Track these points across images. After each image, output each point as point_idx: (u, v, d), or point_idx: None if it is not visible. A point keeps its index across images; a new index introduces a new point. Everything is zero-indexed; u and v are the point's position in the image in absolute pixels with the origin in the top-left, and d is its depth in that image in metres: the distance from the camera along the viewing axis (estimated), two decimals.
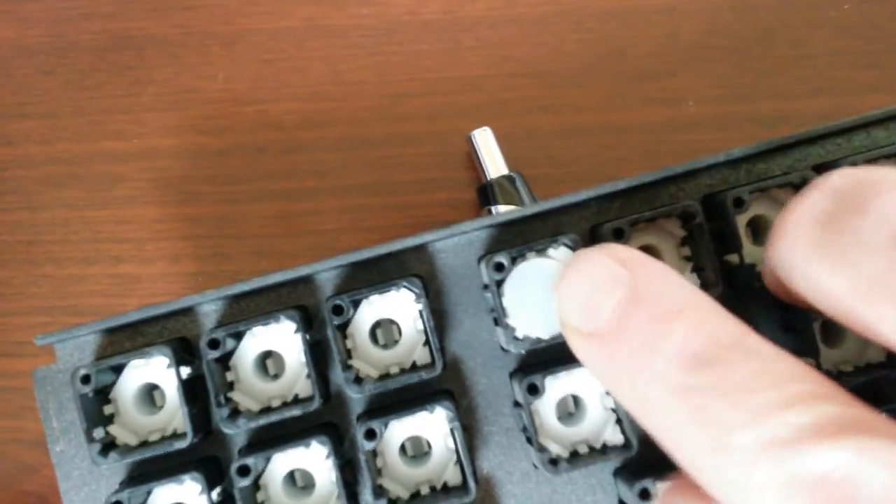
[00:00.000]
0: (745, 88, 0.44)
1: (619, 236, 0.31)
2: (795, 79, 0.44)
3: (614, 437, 0.31)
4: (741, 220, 0.32)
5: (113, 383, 0.32)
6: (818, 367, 0.30)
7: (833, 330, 0.32)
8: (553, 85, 0.44)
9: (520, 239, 0.33)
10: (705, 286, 0.32)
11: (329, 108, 0.45)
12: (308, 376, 0.31)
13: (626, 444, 0.31)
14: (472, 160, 0.42)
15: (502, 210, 0.39)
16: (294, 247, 0.43)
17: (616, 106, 0.44)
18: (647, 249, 0.33)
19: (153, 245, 0.43)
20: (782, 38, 0.44)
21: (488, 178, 0.41)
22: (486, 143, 0.41)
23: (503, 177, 0.40)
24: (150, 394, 0.33)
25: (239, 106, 0.45)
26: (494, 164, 0.41)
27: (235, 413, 0.31)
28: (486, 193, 0.41)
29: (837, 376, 0.30)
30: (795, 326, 0.31)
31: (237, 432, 0.32)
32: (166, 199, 0.44)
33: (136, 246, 0.43)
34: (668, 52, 0.44)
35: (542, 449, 0.31)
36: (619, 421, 0.31)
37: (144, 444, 0.31)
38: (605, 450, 0.31)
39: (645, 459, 0.32)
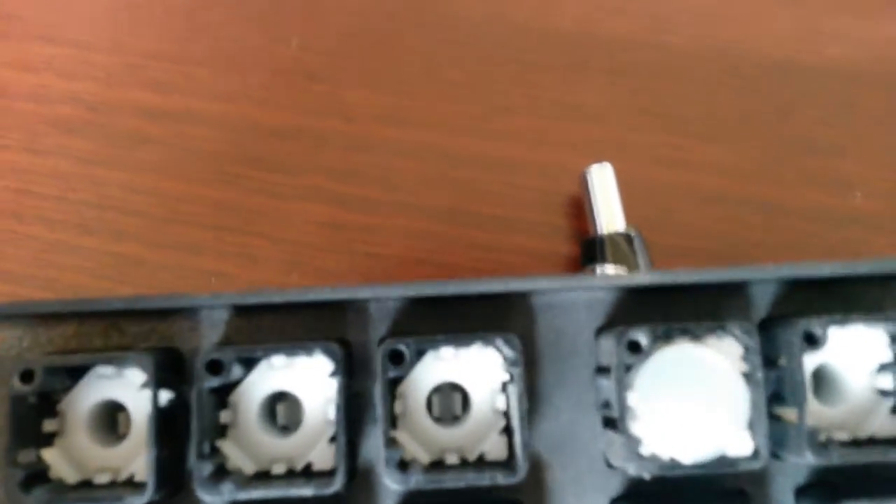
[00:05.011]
0: None
1: (811, 342, 0.22)
2: None
3: None
4: None
5: (66, 391, 0.23)
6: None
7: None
8: (693, 134, 0.35)
9: (658, 314, 0.24)
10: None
11: (415, 106, 0.36)
12: (333, 440, 0.22)
13: None
14: (578, 203, 0.34)
15: (622, 273, 0.30)
16: (337, 265, 0.34)
17: (768, 178, 0.35)
18: (823, 371, 0.24)
19: (169, 227, 0.34)
20: None
21: (599, 231, 0.32)
22: (604, 184, 0.32)
23: (619, 233, 0.32)
24: (113, 416, 0.23)
25: (308, 82, 0.37)
26: (610, 214, 0.32)
27: (221, 472, 0.22)
28: (593, 249, 0.32)
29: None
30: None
31: (217, 502, 0.22)
32: (196, 176, 0.35)
33: (148, 223, 0.35)
34: (842, 125, 0.36)
35: None
36: None
37: (86, 485, 0.22)
38: None
39: None
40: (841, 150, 0.36)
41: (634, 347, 0.22)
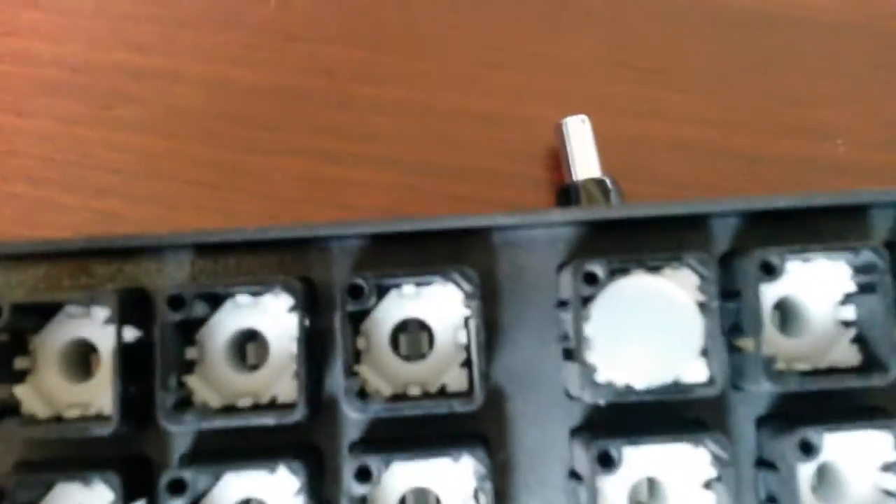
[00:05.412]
0: None
1: (769, 272, 0.22)
2: None
3: None
4: None
5: (37, 330, 0.23)
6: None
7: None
8: (674, 88, 0.35)
9: (621, 249, 0.24)
10: (871, 366, 0.22)
11: (394, 63, 0.36)
12: (296, 375, 0.22)
13: None
14: (558, 155, 0.34)
15: None
16: (317, 219, 0.34)
17: (748, 127, 0.35)
18: (789, 303, 0.24)
19: (149, 183, 0.35)
20: None
21: (574, 179, 0.32)
22: (579, 134, 0.32)
23: (593, 180, 0.32)
24: (84, 355, 0.24)
25: (288, 41, 0.37)
26: (585, 163, 0.32)
27: (185, 404, 0.22)
28: (569, 197, 0.32)
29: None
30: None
31: (182, 431, 0.23)
32: (176, 133, 0.35)
33: (129, 180, 0.35)
34: (824, 76, 0.35)
35: None
36: None
37: (56, 419, 0.23)
38: None
39: None
40: (823, 101, 0.35)
41: (591, 279, 0.22)
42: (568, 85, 0.36)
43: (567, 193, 0.32)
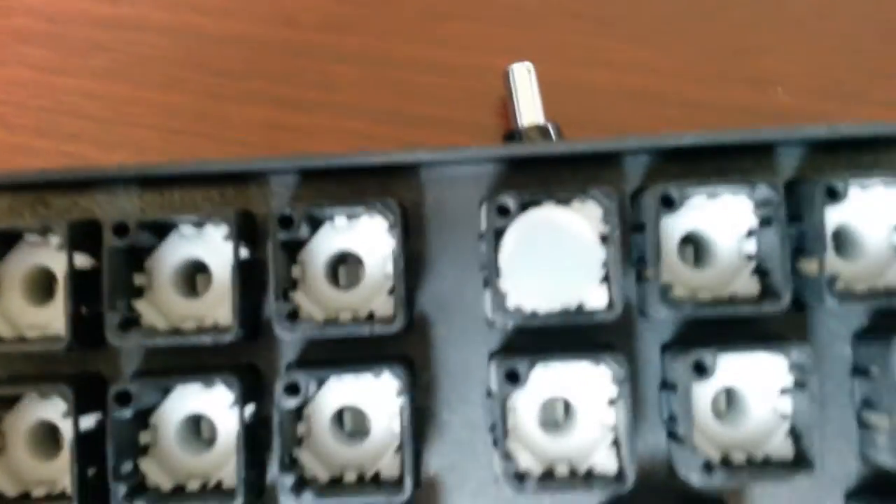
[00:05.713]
0: (852, 86, 0.36)
1: (668, 205, 0.23)
2: None
3: (606, 462, 0.24)
4: (831, 218, 0.24)
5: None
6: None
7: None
8: (622, 37, 0.36)
9: (540, 185, 0.25)
10: (766, 295, 0.24)
11: (355, 13, 0.38)
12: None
13: (620, 476, 0.23)
14: (505, 103, 0.35)
15: None
16: None
17: (692, 76, 0.36)
18: (697, 238, 0.25)
19: (118, 129, 0.37)
20: None
21: (519, 125, 0.33)
22: (525, 81, 0.33)
23: (536, 126, 0.33)
24: (46, 281, 0.26)
25: None
26: (530, 109, 0.33)
27: (131, 323, 0.24)
28: (513, 142, 0.33)
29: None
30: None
31: (129, 348, 0.25)
32: (143, 80, 0.37)
33: (99, 126, 0.37)
34: (767, 25, 0.36)
35: (508, 457, 0.23)
36: (616, 443, 0.24)
37: (20, 340, 0.25)
38: (589, 477, 0.23)
39: (640, 499, 0.24)
40: (766, 49, 0.36)
41: (503, 211, 0.23)
42: (520, 35, 0.37)
43: (512, 139, 0.33)
